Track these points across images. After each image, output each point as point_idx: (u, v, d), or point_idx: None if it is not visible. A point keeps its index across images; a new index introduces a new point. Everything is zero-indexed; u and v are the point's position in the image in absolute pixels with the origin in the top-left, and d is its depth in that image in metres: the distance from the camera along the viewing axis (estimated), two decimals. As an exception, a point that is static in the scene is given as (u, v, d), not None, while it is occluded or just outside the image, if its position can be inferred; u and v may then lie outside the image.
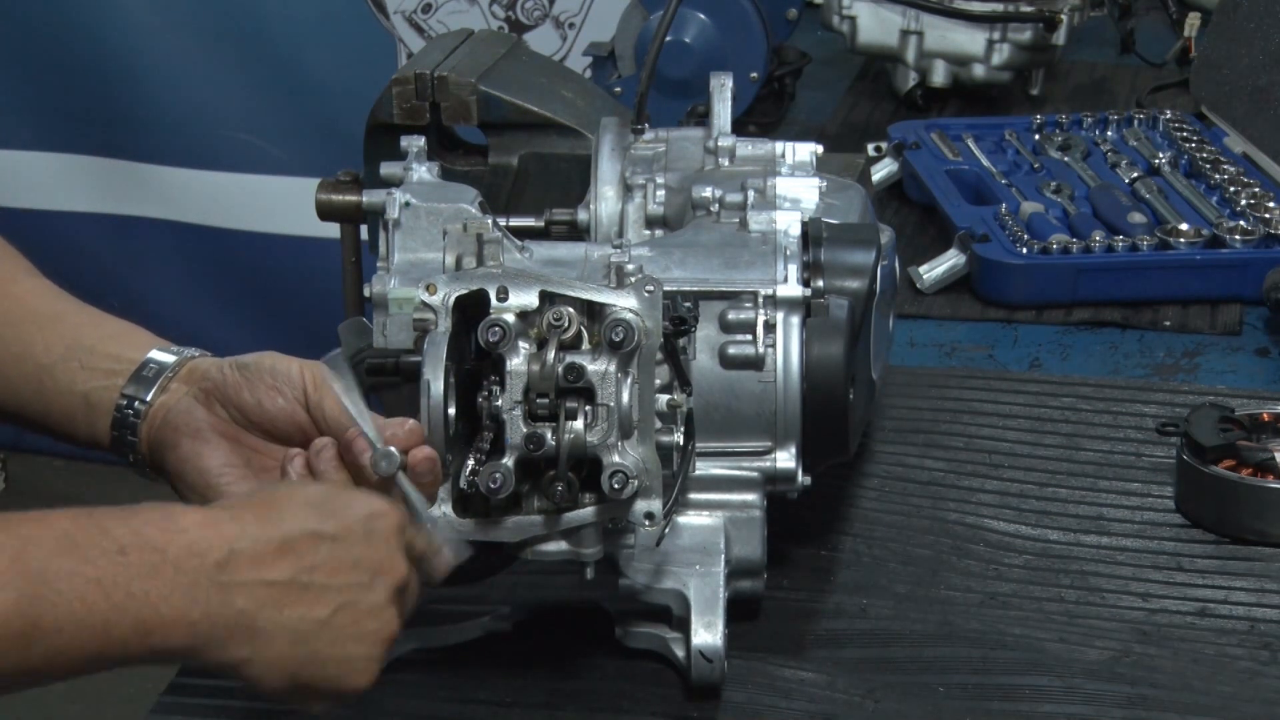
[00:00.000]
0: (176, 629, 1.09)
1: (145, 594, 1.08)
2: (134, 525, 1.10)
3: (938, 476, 1.71)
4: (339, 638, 1.16)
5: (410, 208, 1.41)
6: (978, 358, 1.98)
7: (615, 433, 1.25)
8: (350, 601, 1.16)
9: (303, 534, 1.15)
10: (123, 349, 1.35)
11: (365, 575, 1.17)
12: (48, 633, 1.04)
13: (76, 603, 1.05)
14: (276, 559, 1.14)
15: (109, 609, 1.06)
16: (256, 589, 1.13)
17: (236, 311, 3.90)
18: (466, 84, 1.96)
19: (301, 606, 1.15)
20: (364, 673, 1.19)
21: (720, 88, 1.63)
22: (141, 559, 1.08)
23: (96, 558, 1.07)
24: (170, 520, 1.12)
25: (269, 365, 1.31)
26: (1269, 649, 1.47)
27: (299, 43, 3.68)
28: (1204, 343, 1.99)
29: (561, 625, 1.46)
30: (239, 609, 1.12)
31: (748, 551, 1.44)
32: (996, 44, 2.62)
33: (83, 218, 3.89)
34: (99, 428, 1.34)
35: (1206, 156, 2.31)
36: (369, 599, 1.17)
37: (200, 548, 1.11)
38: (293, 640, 1.14)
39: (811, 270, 1.45)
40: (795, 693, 1.41)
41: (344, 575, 1.16)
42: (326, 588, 1.15)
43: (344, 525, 1.17)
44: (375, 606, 1.18)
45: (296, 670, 1.15)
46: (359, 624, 1.17)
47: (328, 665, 1.16)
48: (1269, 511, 1.60)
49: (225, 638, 1.12)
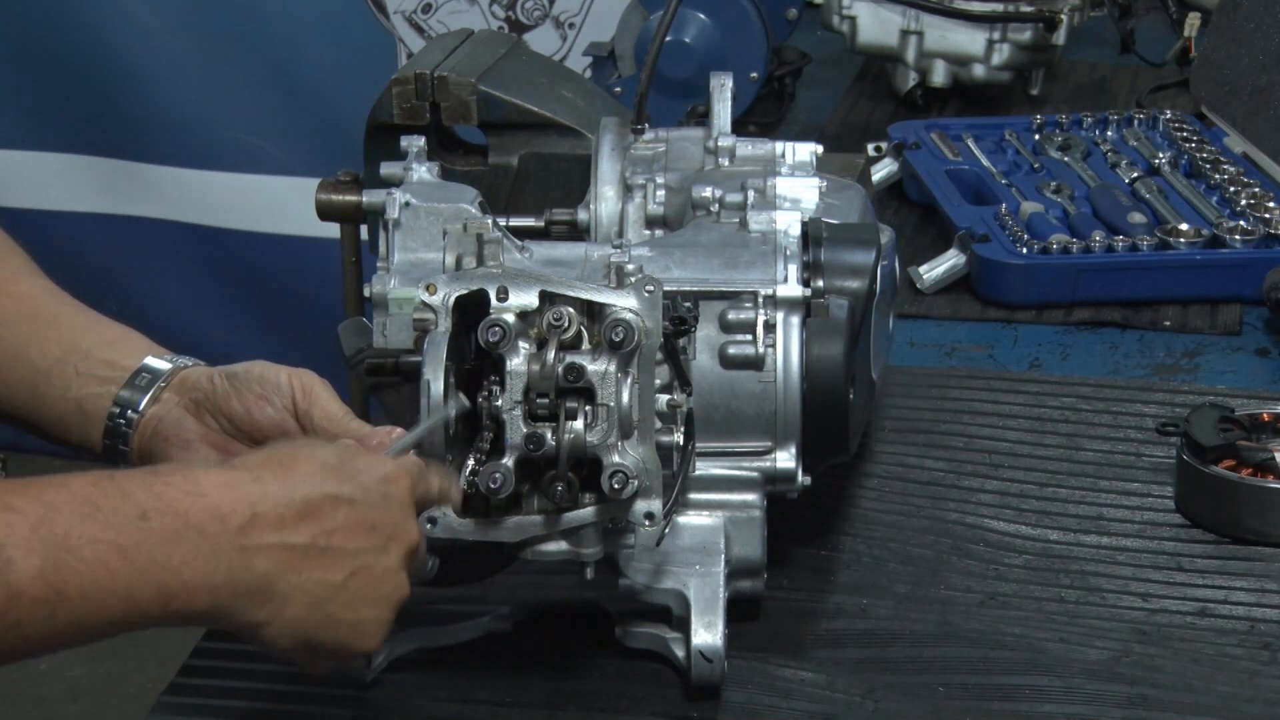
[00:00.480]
0: (199, 594, 1.09)
1: (167, 559, 1.08)
2: (155, 489, 1.10)
3: (938, 476, 1.71)
4: (353, 601, 1.17)
5: (410, 208, 1.41)
6: (978, 358, 1.98)
7: (615, 433, 1.25)
8: (365, 566, 1.17)
9: (323, 496, 1.16)
10: (118, 355, 1.35)
11: (380, 539, 1.18)
12: (71, 598, 1.04)
13: (99, 568, 1.05)
14: (297, 522, 1.14)
15: (131, 574, 1.06)
16: (277, 552, 1.13)
17: (236, 311, 3.90)
18: (466, 84, 1.96)
19: (319, 570, 1.15)
20: (373, 635, 1.20)
21: (720, 88, 1.63)
22: (163, 524, 1.08)
23: (118, 523, 1.07)
24: (191, 483, 1.12)
25: (258, 374, 1.32)
26: (1269, 649, 1.47)
27: (299, 43, 3.68)
28: (1204, 343, 1.99)
29: (561, 625, 1.46)
30: (260, 573, 1.12)
31: (748, 551, 1.44)
32: (996, 44, 2.62)
33: (83, 218, 3.89)
34: (92, 435, 1.34)
35: (1206, 156, 2.31)
36: (383, 563, 1.19)
37: (222, 511, 1.11)
38: (310, 603, 1.15)
39: (811, 270, 1.45)
40: (795, 693, 1.41)
41: (360, 539, 1.17)
42: (343, 551, 1.16)
43: (361, 488, 1.18)
44: (388, 570, 1.19)
45: (311, 633, 1.16)
46: (373, 588, 1.18)
47: (341, 628, 1.17)
48: (1269, 511, 1.60)
49: (246, 602, 1.12)
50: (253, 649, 1.20)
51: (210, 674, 1.44)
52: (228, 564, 1.10)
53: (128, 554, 1.06)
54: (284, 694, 1.42)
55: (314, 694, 1.41)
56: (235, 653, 1.43)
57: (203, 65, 3.70)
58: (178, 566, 1.08)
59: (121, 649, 3.55)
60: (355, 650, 1.20)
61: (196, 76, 3.71)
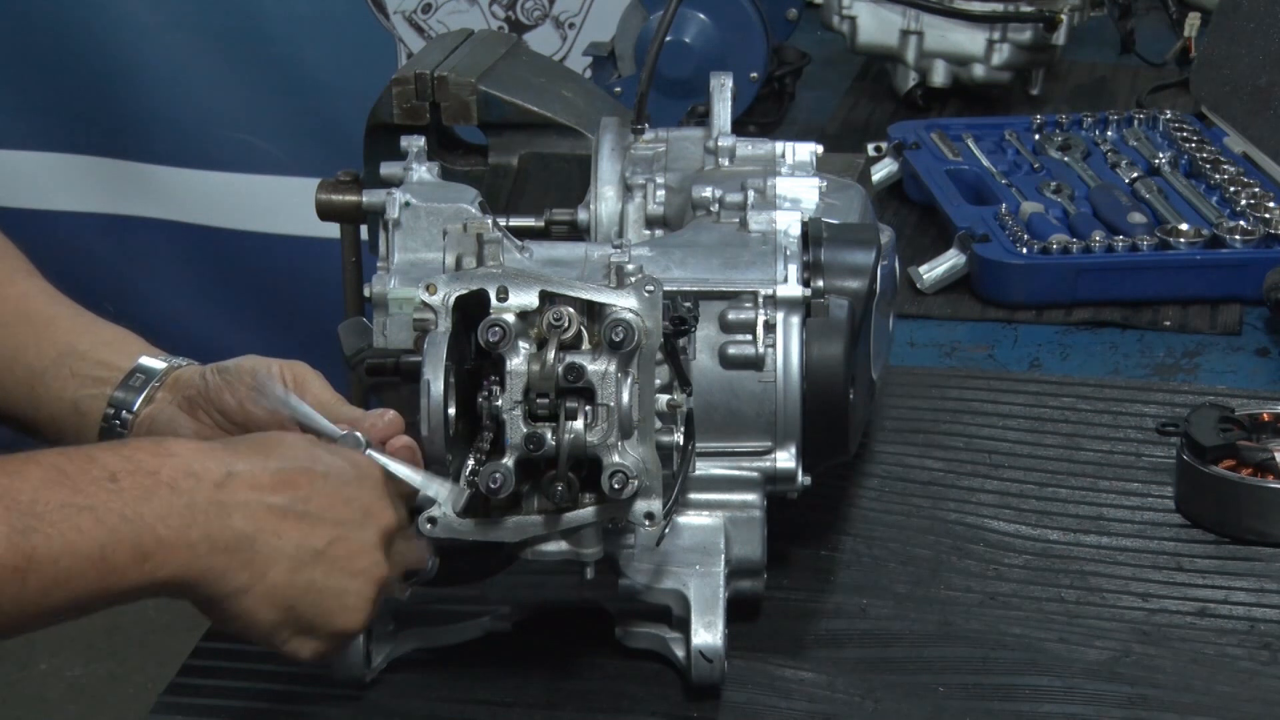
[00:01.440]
0: (175, 552, 1.09)
1: (140, 516, 1.07)
2: (125, 454, 1.09)
3: (938, 476, 1.71)
4: (334, 569, 1.17)
5: (410, 208, 1.41)
6: (978, 358, 1.98)
7: (615, 433, 1.25)
8: (344, 536, 1.18)
9: (297, 468, 1.16)
10: (113, 356, 1.35)
11: (357, 513, 1.19)
12: (42, 564, 1.03)
13: (70, 532, 1.04)
14: (274, 487, 1.15)
15: (104, 535, 1.05)
16: (256, 510, 1.13)
17: (236, 311, 3.89)
18: (466, 84, 1.96)
19: (298, 534, 1.15)
20: (356, 611, 1.19)
21: (720, 88, 1.63)
22: (135, 483, 1.08)
23: (86, 486, 1.06)
24: (162, 446, 1.12)
25: (249, 367, 1.32)
26: (1269, 649, 1.47)
27: (299, 43, 3.68)
28: (1204, 343, 1.99)
29: (561, 625, 1.46)
30: (239, 530, 1.12)
31: (748, 551, 1.44)
32: (996, 44, 2.62)
33: (83, 218, 3.88)
34: (87, 436, 1.34)
35: (1206, 156, 2.31)
36: (361, 536, 1.19)
37: (196, 469, 1.11)
38: (291, 567, 1.14)
39: (811, 270, 1.45)
40: (795, 693, 1.41)
41: (338, 509, 1.18)
42: (322, 519, 1.16)
43: (334, 466, 1.19)
44: (367, 545, 1.19)
45: (294, 601, 1.15)
46: (353, 559, 1.18)
47: (325, 596, 1.17)
48: (1269, 511, 1.60)
49: (225, 563, 1.12)
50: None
51: (210, 674, 1.44)
52: (204, 520, 1.10)
53: (98, 514, 1.05)
54: (284, 694, 1.42)
55: (314, 694, 1.41)
56: (235, 653, 1.43)
57: (203, 65, 3.70)
58: (152, 523, 1.07)
59: (121, 649, 3.56)
60: (339, 627, 1.19)
61: (196, 76, 3.71)
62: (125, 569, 1.07)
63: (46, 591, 1.04)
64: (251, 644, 1.20)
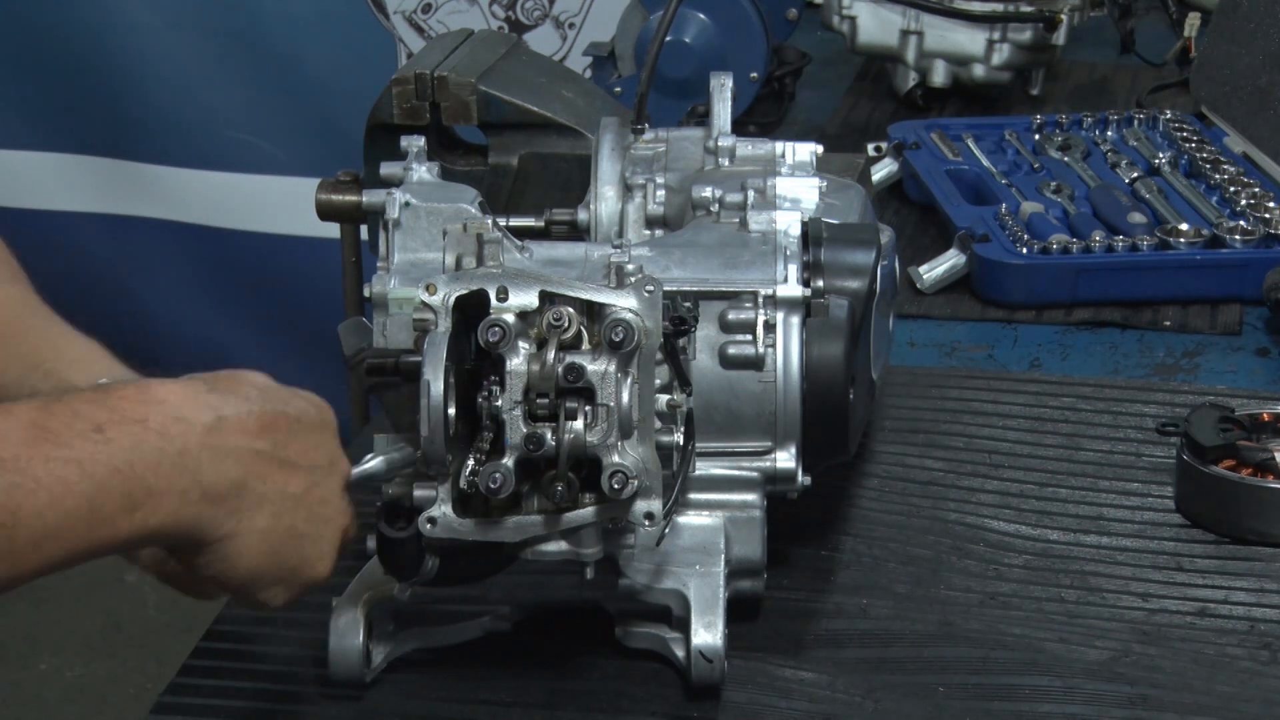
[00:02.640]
0: (165, 500, 1.08)
1: (130, 467, 1.06)
2: (109, 404, 1.08)
3: (938, 476, 1.71)
4: (311, 516, 1.18)
5: (410, 208, 1.41)
6: (978, 358, 1.98)
7: (615, 433, 1.25)
8: (316, 483, 1.19)
9: (275, 412, 1.17)
10: (75, 374, 1.34)
11: (325, 460, 1.21)
12: (29, 519, 1.02)
13: (56, 486, 1.03)
14: (260, 431, 1.15)
15: (92, 487, 1.04)
16: (246, 456, 1.13)
17: (236, 311, 3.90)
18: (466, 84, 1.95)
19: (281, 480, 1.16)
20: (326, 558, 1.21)
21: (720, 88, 1.63)
22: (123, 433, 1.07)
23: (71, 440, 1.05)
24: (146, 393, 1.11)
25: None
26: (1269, 649, 1.47)
27: (299, 43, 3.68)
28: (1204, 343, 1.99)
29: (561, 625, 1.46)
30: (232, 477, 1.12)
31: (748, 551, 1.44)
32: (996, 44, 2.62)
33: (83, 218, 3.89)
34: None
35: (1206, 156, 2.31)
36: (329, 483, 1.21)
37: (186, 414, 1.10)
38: (274, 513, 1.15)
39: (811, 270, 1.45)
40: (795, 693, 1.41)
41: (310, 456, 1.19)
42: (298, 465, 1.18)
43: (301, 410, 1.20)
44: (333, 492, 1.22)
45: (277, 546, 1.16)
46: (323, 506, 1.20)
47: (304, 541, 1.18)
48: (1269, 511, 1.60)
49: (215, 510, 1.11)
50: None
51: (210, 674, 1.44)
52: (196, 466, 1.09)
53: (85, 468, 1.04)
54: (284, 694, 1.42)
55: (314, 694, 1.41)
56: (235, 653, 1.43)
57: (203, 65, 3.70)
58: (142, 472, 1.06)
59: (121, 649, 3.56)
60: (310, 574, 1.21)
61: (196, 76, 3.71)
62: (114, 520, 1.06)
63: (36, 546, 1.03)
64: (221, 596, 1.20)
